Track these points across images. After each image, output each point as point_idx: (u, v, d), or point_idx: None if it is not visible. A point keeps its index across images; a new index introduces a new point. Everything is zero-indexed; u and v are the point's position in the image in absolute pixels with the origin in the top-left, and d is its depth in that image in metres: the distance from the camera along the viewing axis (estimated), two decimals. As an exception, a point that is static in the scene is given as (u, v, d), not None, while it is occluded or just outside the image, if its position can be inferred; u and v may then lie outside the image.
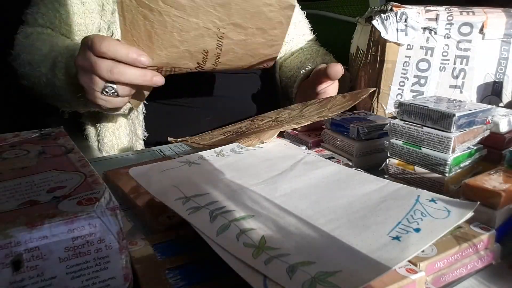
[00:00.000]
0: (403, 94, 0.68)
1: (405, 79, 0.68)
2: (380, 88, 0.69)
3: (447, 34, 0.65)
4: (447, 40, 0.65)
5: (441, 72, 0.67)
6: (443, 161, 0.44)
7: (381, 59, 0.68)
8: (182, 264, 0.34)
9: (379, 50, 0.69)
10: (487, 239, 0.35)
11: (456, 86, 0.67)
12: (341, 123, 0.58)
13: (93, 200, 0.26)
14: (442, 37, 0.65)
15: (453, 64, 0.66)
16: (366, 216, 0.34)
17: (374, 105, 0.70)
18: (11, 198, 0.27)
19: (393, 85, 0.68)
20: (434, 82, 0.67)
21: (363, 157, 0.56)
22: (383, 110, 0.69)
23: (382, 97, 0.69)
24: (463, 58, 0.66)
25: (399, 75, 0.68)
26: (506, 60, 0.66)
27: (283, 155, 0.49)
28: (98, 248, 0.25)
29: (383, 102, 0.69)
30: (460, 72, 0.66)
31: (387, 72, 0.68)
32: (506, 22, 0.65)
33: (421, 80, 0.67)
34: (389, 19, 0.65)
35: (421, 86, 0.68)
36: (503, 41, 0.66)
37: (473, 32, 0.65)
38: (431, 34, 0.65)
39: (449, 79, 0.67)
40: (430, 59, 0.67)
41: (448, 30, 0.65)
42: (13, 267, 0.23)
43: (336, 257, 0.29)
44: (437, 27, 0.65)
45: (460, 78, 0.67)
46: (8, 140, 0.39)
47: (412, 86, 0.68)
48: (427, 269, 0.31)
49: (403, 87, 0.68)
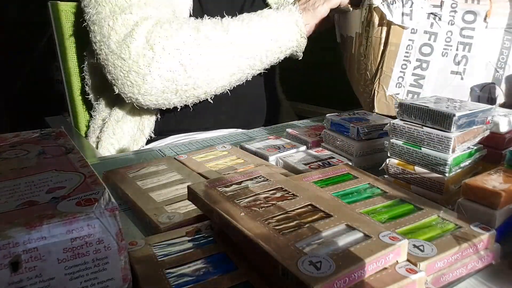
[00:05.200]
0: (405, 77, 0.69)
1: (408, 62, 0.68)
2: (382, 70, 0.69)
3: (451, 21, 0.66)
4: (450, 27, 0.66)
5: (443, 57, 0.67)
6: (443, 161, 0.44)
7: (385, 41, 0.69)
8: (182, 264, 0.34)
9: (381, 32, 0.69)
10: (487, 239, 0.35)
11: (458, 72, 0.67)
12: (341, 123, 0.57)
13: (92, 201, 0.26)
14: (446, 23, 0.66)
15: (456, 50, 0.67)
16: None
17: (375, 86, 0.70)
18: (10, 199, 0.27)
19: (395, 67, 0.69)
20: (436, 67, 0.68)
21: (363, 157, 0.56)
22: (383, 92, 0.69)
23: (383, 78, 0.70)
24: (465, 45, 0.67)
25: (401, 58, 0.68)
26: (508, 50, 0.67)
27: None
28: (97, 249, 0.25)
29: (384, 84, 0.69)
30: (462, 59, 0.67)
31: (390, 54, 0.69)
32: (510, 13, 0.66)
33: (423, 64, 0.68)
34: (395, 3, 0.66)
35: (422, 70, 0.68)
36: (506, 30, 0.66)
37: (477, 20, 0.66)
38: (435, 20, 0.66)
39: (450, 65, 0.68)
40: (433, 44, 0.67)
41: (452, 17, 0.66)
42: (11, 268, 0.23)
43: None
44: (441, 13, 0.66)
45: (462, 64, 0.67)
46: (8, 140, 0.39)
47: (414, 69, 0.68)
48: (427, 269, 0.31)
49: (405, 70, 0.69)
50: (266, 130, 0.79)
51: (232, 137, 0.75)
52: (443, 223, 0.37)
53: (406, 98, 0.69)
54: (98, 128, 0.87)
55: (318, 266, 0.27)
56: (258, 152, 0.59)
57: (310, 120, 0.86)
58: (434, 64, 0.68)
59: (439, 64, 0.68)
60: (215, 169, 0.54)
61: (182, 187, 0.49)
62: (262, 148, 0.59)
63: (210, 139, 0.74)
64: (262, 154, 0.58)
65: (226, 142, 0.70)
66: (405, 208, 0.39)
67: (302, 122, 0.85)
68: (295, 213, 0.35)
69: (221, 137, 0.75)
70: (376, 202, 0.40)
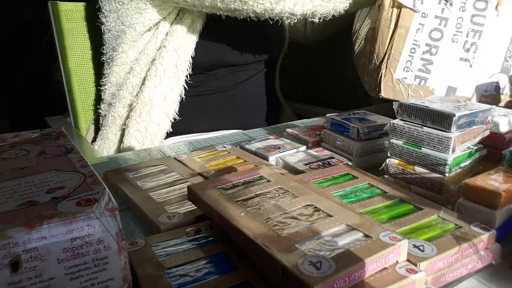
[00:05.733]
0: (413, 61, 0.68)
1: (417, 46, 0.68)
2: (391, 53, 0.69)
3: (462, 7, 0.66)
4: (461, 13, 0.66)
5: (453, 43, 0.67)
6: (443, 161, 0.44)
7: (395, 24, 0.68)
8: (182, 264, 0.34)
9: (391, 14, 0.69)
10: (487, 239, 0.35)
11: (466, 59, 0.67)
12: (341, 123, 0.57)
13: (92, 201, 0.26)
14: (457, 9, 0.66)
15: (466, 37, 0.66)
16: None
17: (383, 69, 0.69)
18: (10, 199, 0.27)
19: (403, 51, 0.68)
20: (444, 53, 0.67)
21: (363, 157, 0.56)
22: (391, 75, 0.68)
23: (391, 61, 0.69)
24: (476, 32, 0.66)
25: (411, 42, 0.68)
26: None
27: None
28: (97, 249, 0.25)
29: (392, 67, 0.69)
30: (472, 46, 0.67)
31: (399, 38, 0.68)
32: None
33: (432, 49, 0.67)
34: None
35: (431, 55, 0.68)
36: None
37: (488, 8, 0.65)
38: (446, 6, 0.66)
39: (460, 51, 0.67)
40: (443, 29, 0.67)
41: (463, 4, 0.66)
42: (11, 268, 0.23)
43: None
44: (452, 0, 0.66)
45: (471, 51, 0.67)
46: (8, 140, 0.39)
47: (423, 54, 0.68)
48: (427, 269, 0.31)
49: (413, 54, 0.68)
50: (266, 130, 0.79)
51: (232, 137, 0.75)
52: (443, 223, 0.37)
53: (413, 82, 0.68)
54: (119, 117, 0.87)
55: (318, 266, 0.27)
56: (258, 152, 0.59)
57: (310, 120, 0.86)
58: (443, 50, 0.67)
59: (448, 50, 0.67)
60: (215, 169, 0.54)
61: (182, 187, 0.49)
62: (262, 148, 0.59)
63: (210, 139, 0.74)
64: (262, 154, 0.58)
65: (226, 142, 0.70)
66: (405, 208, 0.39)
67: (302, 122, 0.85)
68: (295, 213, 0.35)
69: (221, 137, 0.76)
70: (376, 202, 0.40)
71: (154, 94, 0.83)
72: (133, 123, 0.83)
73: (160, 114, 0.84)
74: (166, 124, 0.85)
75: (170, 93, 0.84)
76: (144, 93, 0.83)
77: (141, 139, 0.84)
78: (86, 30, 1.00)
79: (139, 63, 0.84)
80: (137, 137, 0.83)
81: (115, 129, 0.88)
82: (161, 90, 0.83)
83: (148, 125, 0.83)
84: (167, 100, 0.84)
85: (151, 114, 0.83)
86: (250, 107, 0.96)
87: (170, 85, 0.83)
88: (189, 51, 0.84)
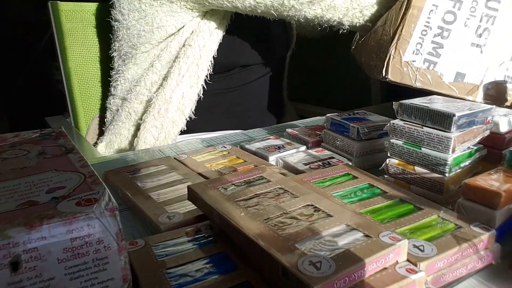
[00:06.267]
0: (423, 44, 0.65)
1: (428, 29, 0.66)
2: (401, 34, 0.66)
3: None
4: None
5: (466, 27, 0.65)
6: (443, 161, 0.44)
7: (407, 3, 0.67)
8: (182, 264, 0.34)
9: None
10: (487, 239, 0.35)
11: (478, 45, 0.65)
12: (341, 123, 0.57)
13: (92, 201, 0.26)
14: None
15: (479, 22, 0.64)
16: None
17: (392, 51, 0.67)
18: (10, 199, 0.27)
19: (414, 33, 0.66)
20: (456, 37, 0.66)
21: (363, 157, 0.56)
22: (399, 57, 0.66)
23: (401, 43, 0.66)
24: (489, 17, 0.65)
25: (422, 24, 0.66)
26: None
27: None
28: (97, 249, 0.25)
29: (401, 48, 0.66)
30: (484, 31, 0.65)
31: (411, 18, 0.66)
32: None
33: (444, 33, 0.66)
34: None
35: (442, 39, 0.66)
36: None
37: None
38: None
39: (472, 36, 0.65)
40: (457, 12, 0.65)
41: None
42: (11, 268, 0.23)
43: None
44: None
45: (483, 37, 0.65)
46: (8, 140, 0.39)
47: (434, 37, 0.66)
48: (427, 269, 0.31)
49: (424, 37, 0.66)
50: (266, 130, 0.79)
51: (232, 137, 0.75)
52: (443, 223, 0.37)
53: (422, 66, 0.66)
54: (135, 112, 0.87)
55: (318, 266, 0.27)
56: (258, 152, 0.59)
57: (310, 120, 0.86)
58: (455, 34, 0.65)
59: (461, 34, 0.65)
60: (215, 169, 0.54)
61: (182, 187, 0.49)
62: (262, 148, 0.59)
63: (210, 139, 0.74)
64: (262, 154, 0.58)
65: (226, 142, 0.70)
66: (405, 208, 0.39)
67: (302, 122, 0.85)
68: (295, 213, 0.35)
69: (221, 137, 0.76)
70: (376, 202, 0.40)
71: (174, 91, 0.83)
72: (150, 118, 0.83)
73: (177, 112, 0.84)
74: (181, 122, 0.85)
75: (188, 91, 0.84)
76: (166, 90, 0.83)
77: (157, 135, 0.84)
78: (86, 30, 1.00)
79: (161, 61, 0.84)
80: (153, 133, 0.83)
81: (129, 125, 0.88)
82: (180, 88, 0.83)
83: (164, 122, 0.83)
84: (185, 98, 0.84)
85: (168, 111, 0.83)
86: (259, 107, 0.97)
87: (189, 83, 0.84)
88: (212, 51, 0.84)
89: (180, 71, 0.82)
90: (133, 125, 0.88)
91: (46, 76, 2.18)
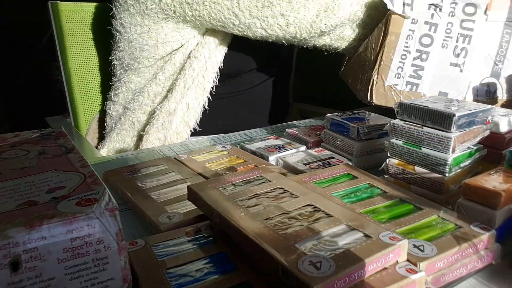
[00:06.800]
0: (404, 67, 0.68)
1: (407, 53, 0.68)
2: (382, 60, 0.69)
3: (452, 12, 0.66)
4: (451, 18, 0.66)
5: (443, 49, 0.67)
6: (443, 161, 0.44)
7: (385, 31, 0.69)
8: (182, 264, 0.34)
9: (383, 22, 0.69)
10: (487, 239, 0.35)
11: (457, 65, 0.67)
12: (341, 123, 0.57)
13: (92, 201, 0.26)
14: (446, 14, 0.66)
15: (456, 42, 0.67)
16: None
17: (374, 77, 0.69)
18: (10, 199, 0.27)
19: (394, 58, 0.68)
20: (435, 58, 0.68)
21: (363, 157, 0.56)
22: (382, 82, 0.69)
23: (382, 68, 0.69)
24: (465, 37, 0.67)
25: (401, 48, 0.68)
26: (507, 43, 0.67)
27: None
28: (97, 249, 0.25)
29: (383, 74, 0.69)
30: (462, 51, 0.67)
31: (390, 44, 0.68)
32: (510, 6, 0.66)
33: (423, 55, 0.68)
34: None
35: (422, 61, 0.68)
36: (506, 24, 0.66)
37: (477, 12, 0.66)
38: (436, 11, 0.66)
39: (450, 56, 0.68)
40: (433, 35, 0.67)
41: (452, 9, 0.66)
42: (11, 268, 0.23)
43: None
44: (442, 4, 0.66)
45: (461, 56, 0.67)
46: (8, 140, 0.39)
47: (414, 60, 0.68)
48: (427, 269, 0.31)
49: (404, 60, 0.68)
50: (266, 130, 0.79)
51: (232, 137, 0.75)
52: (443, 223, 0.37)
53: (405, 89, 0.69)
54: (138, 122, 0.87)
55: (318, 266, 0.27)
56: (258, 152, 0.59)
57: (310, 120, 0.86)
58: (434, 55, 0.68)
59: (439, 55, 0.68)
60: (215, 169, 0.54)
61: (182, 187, 0.49)
62: (262, 148, 0.59)
63: (210, 139, 0.74)
64: (262, 154, 0.58)
65: (226, 142, 0.70)
66: (405, 208, 0.39)
67: (302, 122, 0.85)
68: (295, 213, 0.35)
69: (221, 137, 0.76)
70: (376, 202, 0.40)
71: (179, 104, 0.82)
72: (154, 130, 0.82)
73: (181, 123, 0.83)
74: (186, 134, 0.84)
75: (193, 103, 0.83)
76: (170, 102, 0.82)
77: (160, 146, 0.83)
78: (86, 30, 1.00)
79: (165, 73, 0.83)
80: (156, 145, 0.83)
81: (133, 133, 0.88)
82: (185, 100, 0.82)
83: (168, 134, 0.82)
84: (190, 110, 0.83)
85: (172, 123, 0.82)
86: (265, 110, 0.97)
87: (195, 95, 0.83)
88: (218, 62, 0.83)
89: (185, 84, 0.81)
90: (137, 133, 0.88)
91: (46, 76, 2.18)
